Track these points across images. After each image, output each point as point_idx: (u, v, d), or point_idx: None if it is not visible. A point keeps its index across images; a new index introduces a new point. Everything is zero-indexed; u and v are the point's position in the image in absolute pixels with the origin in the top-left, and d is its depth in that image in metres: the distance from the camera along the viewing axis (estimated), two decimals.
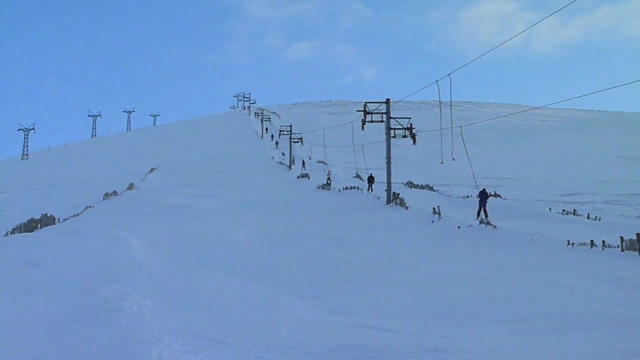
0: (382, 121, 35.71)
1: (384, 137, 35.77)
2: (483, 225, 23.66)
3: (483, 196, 27.57)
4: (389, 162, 35.67)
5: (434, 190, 41.92)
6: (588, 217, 27.36)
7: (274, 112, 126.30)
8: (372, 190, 41.24)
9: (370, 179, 42.68)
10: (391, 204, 33.24)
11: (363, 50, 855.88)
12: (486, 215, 26.80)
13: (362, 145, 47.17)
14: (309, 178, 50.91)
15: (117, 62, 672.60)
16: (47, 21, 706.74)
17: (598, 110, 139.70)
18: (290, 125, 75.32)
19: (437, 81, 27.95)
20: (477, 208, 27.72)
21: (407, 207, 30.93)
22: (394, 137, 35.59)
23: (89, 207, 30.78)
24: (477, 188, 29.23)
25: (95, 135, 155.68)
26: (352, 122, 36.29)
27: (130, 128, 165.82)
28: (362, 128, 35.99)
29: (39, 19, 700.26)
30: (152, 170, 56.06)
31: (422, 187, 43.93)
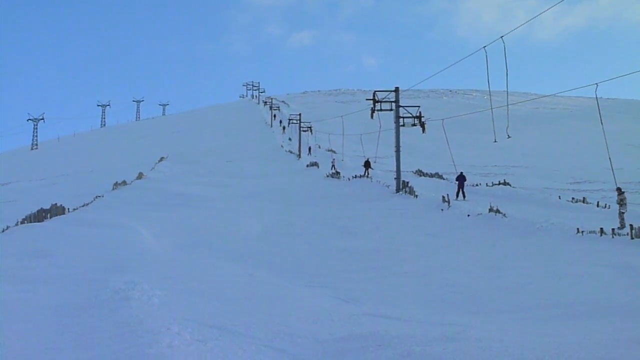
0: (391, 110, 35.64)
1: (393, 125, 35.70)
2: (492, 214, 23.62)
3: (461, 179, 30.92)
4: (398, 151, 35.62)
5: (443, 179, 41.90)
6: (597, 205, 27.29)
7: (282, 101, 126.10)
8: (368, 174, 41.50)
9: (367, 164, 42.87)
10: (400, 192, 33.21)
11: (364, 39, 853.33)
12: (464, 197, 29.93)
13: (361, 134, 47.11)
14: (318, 167, 50.91)
15: (126, 52, 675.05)
16: (56, 13, 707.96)
17: (607, 98, 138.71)
18: (300, 114, 75.23)
19: (484, 47, 25.67)
20: (456, 190, 30.55)
21: (416, 196, 30.88)
22: (403, 125, 35.53)
23: (99, 196, 30.84)
24: (456, 173, 31.63)
25: (104, 124, 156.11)
26: (371, 107, 36.07)
27: (139, 117, 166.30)
28: (372, 117, 35.97)
29: (48, 11, 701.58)
30: (161, 159, 56.09)
31: (431, 176, 43.96)
